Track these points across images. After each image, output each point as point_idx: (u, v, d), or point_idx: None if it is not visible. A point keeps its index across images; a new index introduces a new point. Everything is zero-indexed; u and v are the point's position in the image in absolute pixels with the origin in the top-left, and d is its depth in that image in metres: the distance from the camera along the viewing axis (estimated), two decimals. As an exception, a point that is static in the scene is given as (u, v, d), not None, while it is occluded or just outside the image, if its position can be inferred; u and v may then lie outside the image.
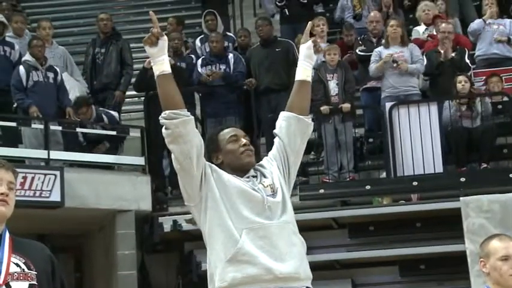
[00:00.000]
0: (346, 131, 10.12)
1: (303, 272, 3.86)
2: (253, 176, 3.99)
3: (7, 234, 3.40)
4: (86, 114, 10.30)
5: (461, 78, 9.94)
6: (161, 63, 3.88)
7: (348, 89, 10.28)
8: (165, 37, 3.89)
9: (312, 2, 13.12)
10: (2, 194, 3.38)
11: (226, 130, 4.06)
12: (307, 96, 4.21)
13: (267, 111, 10.40)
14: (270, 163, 4.10)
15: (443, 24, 10.59)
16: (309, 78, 4.21)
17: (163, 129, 3.85)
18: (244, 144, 3.99)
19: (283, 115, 4.16)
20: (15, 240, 3.43)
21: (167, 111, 3.83)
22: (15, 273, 3.32)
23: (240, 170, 3.97)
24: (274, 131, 4.16)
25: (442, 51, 10.29)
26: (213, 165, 3.96)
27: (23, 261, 3.36)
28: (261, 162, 4.13)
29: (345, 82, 10.26)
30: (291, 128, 4.10)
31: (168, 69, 3.89)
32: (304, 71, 4.20)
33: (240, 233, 3.79)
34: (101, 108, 10.60)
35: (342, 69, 10.32)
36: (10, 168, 3.49)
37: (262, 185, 3.95)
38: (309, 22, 4.32)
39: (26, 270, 3.34)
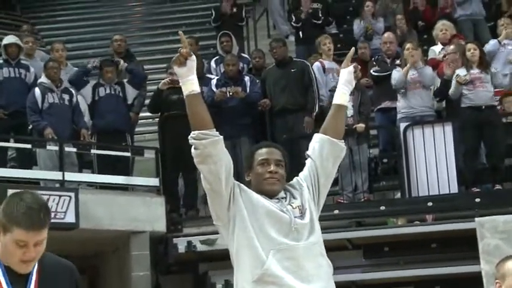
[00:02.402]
0: (361, 151, 10.13)
1: None
2: (283, 198, 3.99)
3: (35, 271, 3.31)
4: (111, 74, 10.51)
5: (470, 46, 9.93)
6: (190, 83, 3.87)
7: (363, 110, 10.29)
8: (194, 57, 3.86)
9: (325, 23, 13.20)
10: (27, 260, 3.23)
11: (262, 150, 4.06)
12: (343, 120, 4.27)
13: (283, 132, 10.42)
14: (300, 184, 4.09)
15: (451, 46, 10.61)
16: (346, 103, 4.27)
17: (192, 149, 3.85)
18: (271, 172, 3.97)
19: (317, 137, 4.18)
20: (42, 274, 3.33)
21: (196, 132, 3.84)
22: None
23: (264, 194, 3.97)
24: (307, 152, 4.19)
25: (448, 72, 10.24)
26: (241, 185, 3.96)
27: None
28: (291, 182, 4.12)
29: (361, 104, 10.26)
30: (324, 150, 4.12)
31: (197, 89, 3.88)
32: (342, 96, 4.24)
33: (267, 254, 3.80)
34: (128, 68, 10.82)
35: (358, 91, 10.33)
36: (45, 226, 3.20)
37: (291, 206, 3.96)
38: (352, 48, 4.35)
39: None
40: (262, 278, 3.77)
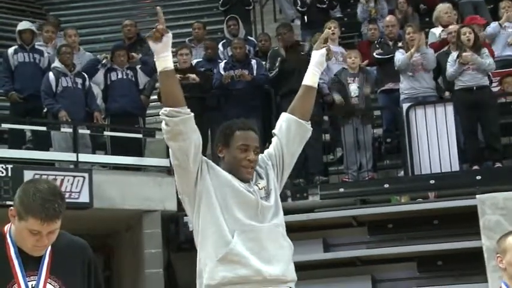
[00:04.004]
0: (365, 131, 10.37)
1: (290, 274, 3.94)
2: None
3: (48, 254, 3.36)
4: (123, 58, 10.71)
5: (465, 29, 10.11)
6: (164, 60, 3.82)
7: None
8: (170, 34, 3.81)
9: (330, 7, 13.36)
10: (40, 246, 3.29)
11: (243, 134, 3.99)
12: (311, 101, 4.27)
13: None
14: (266, 162, 4.10)
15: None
16: (316, 85, 4.27)
17: (162, 125, 3.83)
18: (249, 160, 3.95)
19: (284, 116, 4.20)
20: (55, 255, 3.38)
21: (168, 109, 3.80)
22: None
23: (237, 177, 3.97)
24: (274, 130, 4.20)
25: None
26: (210, 162, 3.95)
27: (57, 286, 3.36)
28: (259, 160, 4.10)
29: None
30: (291, 130, 4.15)
31: (170, 65, 3.84)
32: (312, 77, 4.25)
33: (232, 234, 3.82)
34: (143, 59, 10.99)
35: (363, 73, 10.62)
36: (59, 215, 3.25)
37: (257, 186, 3.98)
38: (326, 30, 4.46)
39: None
40: (226, 257, 3.81)
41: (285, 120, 4.20)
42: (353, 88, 10.50)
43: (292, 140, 4.16)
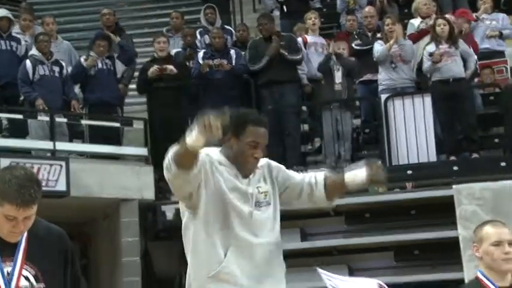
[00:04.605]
0: (345, 121, 10.40)
1: None
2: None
3: (24, 240, 3.35)
4: (103, 48, 10.66)
5: (440, 21, 10.15)
6: (196, 141, 3.59)
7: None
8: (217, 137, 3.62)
9: (309, -3, 13.38)
10: (16, 231, 3.29)
11: (254, 129, 3.89)
12: (339, 192, 4.17)
13: (269, 104, 10.65)
14: (277, 175, 4.05)
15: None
16: (349, 184, 4.06)
17: (165, 170, 3.74)
18: (256, 157, 3.91)
19: (310, 183, 4.07)
20: (31, 241, 3.36)
21: (176, 167, 3.68)
22: None
23: (239, 170, 3.93)
24: (295, 176, 4.10)
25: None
26: (213, 165, 3.86)
27: (33, 273, 3.35)
28: (271, 163, 4.08)
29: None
30: (299, 197, 4.10)
31: (200, 148, 3.65)
32: (354, 177, 4.03)
33: (226, 249, 3.79)
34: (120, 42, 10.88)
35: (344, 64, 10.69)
36: (35, 201, 3.25)
37: (258, 190, 3.96)
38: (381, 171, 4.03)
39: (34, 284, 3.34)
40: (218, 275, 3.79)
41: (304, 187, 4.09)
42: (338, 75, 10.51)
43: (291, 199, 4.14)
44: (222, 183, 3.88)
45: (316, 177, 4.11)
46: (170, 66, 10.74)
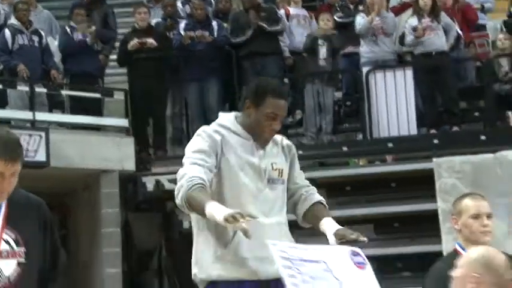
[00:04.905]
0: (326, 94, 10.39)
1: None
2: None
3: (4, 205, 3.39)
4: (82, 16, 10.60)
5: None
6: (215, 214, 3.53)
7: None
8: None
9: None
10: (3, 191, 3.35)
11: (274, 101, 3.83)
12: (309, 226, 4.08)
13: (251, 76, 10.62)
14: (292, 155, 4.01)
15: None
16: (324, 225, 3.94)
17: (176, 200, 3.72)
18: (273, 129, 3.86)
19: (302, 196, 4.00)
20: (11, 207, 3.40)
21: (190, 211, 3.70)
22: (4, 251, 3.35)
23: (256, 139, 3.88)
24: (299, 176, 4.05)
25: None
26: (225, 145, 3.81)
27: (13, 236, 3.38)
28: (286, 142, 4.03)
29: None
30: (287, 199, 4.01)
31: (220, 220, 3.52)
32: (329, 226, 3.91)
33: (234, 231, 3.70)
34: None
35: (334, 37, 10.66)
36: (20, 157, 3.36)
37: (272, 166, 3.89)
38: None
39: (14, 248, 3.37)
40: (225, 256, 3.77)
41: (296, 199, 4.01)
42: (322, 51, 10.48)
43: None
44: (234, 162, 3.83)
45: (309, 196, 4.03)
46: (150, 40, 10.68)
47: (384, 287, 3.67)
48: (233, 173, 3.82)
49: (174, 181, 3.91)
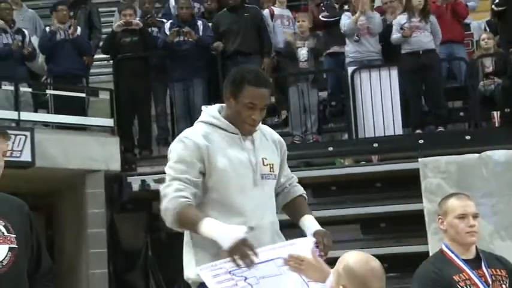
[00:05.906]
0: (311, 94, 10.39)
1: None
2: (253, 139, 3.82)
3: None
4: (66, 12, 10.60)
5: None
6: (209, 231, 3.56)
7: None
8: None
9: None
10: None
11: (252, 90, 3.67)
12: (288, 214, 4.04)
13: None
14: (280, 149, 3.92)
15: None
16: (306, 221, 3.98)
17: (162, 214, 3.70)
18: (254, 119, 3.71)
19: (285, 186, 3.97)
20: None
21: (178, 228, 3.67)
22: None
23: (238, 130, 3.77)
24: (285, 169, 3.97)
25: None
26: (211, 146, 3.69)
27: (3, 224, 3.42)
28: (283, 142, 3.95)
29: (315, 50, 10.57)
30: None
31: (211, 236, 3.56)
32: (309, 224, 3.94)
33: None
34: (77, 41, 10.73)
35: (314, 38, 10.62)
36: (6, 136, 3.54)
37: (263, 161, 3.78)
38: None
39: (5, 233, 3.41)
40: (217, 257, 3.66)
41: (282, 191, 3.98)
42: (302, 52, 10.48)
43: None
44: (222, 165, 3.71)
45: (292, 188, 4.00)
46: (136, 20, 10.66)
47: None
48: (223, 176, 3.71)
49: (160, 181, 3.88)
